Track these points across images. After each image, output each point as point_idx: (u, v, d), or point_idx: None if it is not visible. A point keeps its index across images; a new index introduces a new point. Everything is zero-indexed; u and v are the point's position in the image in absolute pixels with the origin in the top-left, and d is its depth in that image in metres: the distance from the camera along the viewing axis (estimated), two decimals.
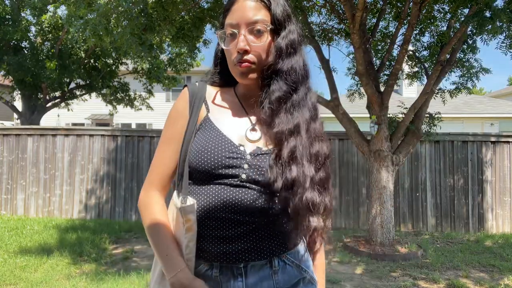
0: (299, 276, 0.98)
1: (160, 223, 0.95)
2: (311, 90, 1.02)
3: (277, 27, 0.98)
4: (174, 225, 0.96)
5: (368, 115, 5.14)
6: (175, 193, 0.97)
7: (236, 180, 0.90)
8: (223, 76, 1.08)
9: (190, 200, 0.91)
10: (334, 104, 5.19)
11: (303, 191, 0.91)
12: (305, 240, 1.02)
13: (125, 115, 20.16)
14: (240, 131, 0.98)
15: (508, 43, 4.16)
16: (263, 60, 0.97)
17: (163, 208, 0.99)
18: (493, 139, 6.42)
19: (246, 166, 0.91)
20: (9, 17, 10.10)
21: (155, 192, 1.00)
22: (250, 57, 0.95)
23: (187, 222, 0.91)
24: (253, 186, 0.91)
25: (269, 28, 0.97)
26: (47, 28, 10.08)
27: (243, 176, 0.91)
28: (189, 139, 0.97)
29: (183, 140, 0.98)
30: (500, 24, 3.97)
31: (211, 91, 1.07)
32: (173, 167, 0.99)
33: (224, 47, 1.00)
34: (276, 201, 0.91)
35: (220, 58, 1.07)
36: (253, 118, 1.00)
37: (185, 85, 1.06)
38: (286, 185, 0.90)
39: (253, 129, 0.98)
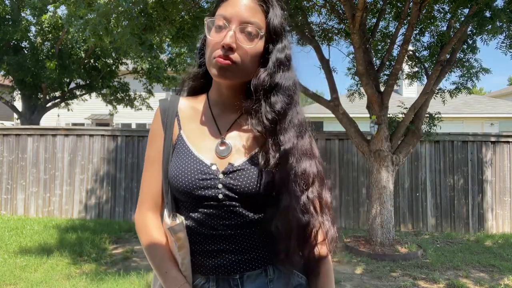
0: (295, 283, 0.96)
1: (157, 243, 0.96)
2: (299, 105, 0.98)
3: (272, 37, 0.94)
4: (169, 242, 0.95)
5: (368, 115, 5.14)
6: (165, 211, 0.96)
7: (214, 202, 0.90)
8: (204, 78, 1.04)
9: (179, 218, 0.91)
10: (334, 104, 5.19)
11: (290, 212, 0.88)
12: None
13: (125, 115, 20.14)
14: (211, 147, 0.95)
15: (508, 43, 4.16)
16: (246, 63, 0.91)
17: (158, 227, 0.98)
18: (493, 139, 6.42)
19: (220, 185, 0.90)
20: (9, 17, 10.09)
21: (148, 212, 1.00)
22: (234, 56, 0.89)
23: (178, 240, 0.91)
24: (233, 203, 0.90)
25: (261, 34, 0.92)
26: (47, 28, 10.08)
27: (220, 196, 0.90)
28: (167, 159, 0.97)
29: (162, 160, 0.97)
30: (500, 24, 3.98)
31: (184, 104, 1.03)
32: (160, 186, 0.99)
33: (208, 36, 0.94)
34: (260, 213, 0.92)
35: (203, 57, 1.01)
36: (223, 128, 0.98)
37: (160, 100, 1.06)
38: (277, 204, 0.89)
39: (222, 143, 0.95)
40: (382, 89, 5.19)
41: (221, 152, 0.94)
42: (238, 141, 0.96)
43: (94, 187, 6.81)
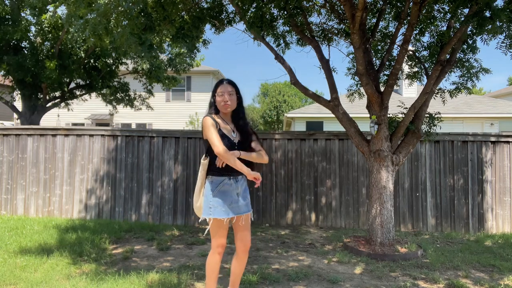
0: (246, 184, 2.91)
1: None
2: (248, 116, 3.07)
3: (238, 95, 2.86)
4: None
5: (368, 115, 5.14)
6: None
7: (233, 144, 2.81)
8: (216, 110, 2.87)
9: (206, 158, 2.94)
10: (334, 104, 5.19)
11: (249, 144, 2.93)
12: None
13: (125, 115, 20.15)
14: (230, 133, 2.83)
15: (508, 43, 4.15)
16: (233, 105, 2.81)
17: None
18: (493, 139, 6.42)
19: (236, 143, 2.82)
20: (9, 17, 10.09)
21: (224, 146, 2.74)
22: (228, 103, 2.77)
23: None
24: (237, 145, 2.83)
25: (234, 94, 2.83)
26: (47, 28, 10.07)
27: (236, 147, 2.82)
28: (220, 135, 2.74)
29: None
30: (500, 24, 3.97)
31: (215, 117, 2.79)
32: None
33: (217, 98, 2.81)
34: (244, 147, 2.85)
35: (214, 104, 2.85)
36: (231, 126, 2.86)
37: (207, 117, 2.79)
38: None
39: (233, 131, 2.85)
40: (382, 89, 5.19)
41: (234, 135, 2.83)
42: (241, 131, 2.89)
43: (94, 187, 6.81)
